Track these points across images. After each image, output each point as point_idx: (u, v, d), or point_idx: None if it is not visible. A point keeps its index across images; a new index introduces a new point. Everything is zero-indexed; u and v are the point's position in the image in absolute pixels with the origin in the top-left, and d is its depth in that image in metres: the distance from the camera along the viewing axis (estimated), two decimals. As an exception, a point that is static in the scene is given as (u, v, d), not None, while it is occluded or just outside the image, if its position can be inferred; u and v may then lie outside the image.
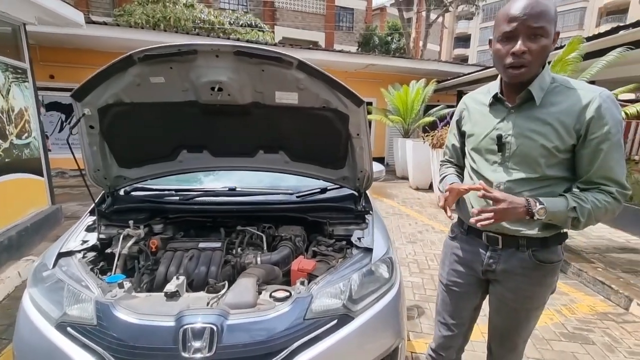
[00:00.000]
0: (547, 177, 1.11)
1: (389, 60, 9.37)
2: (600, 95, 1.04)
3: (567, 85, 1.10)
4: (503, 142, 1.14)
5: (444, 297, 1.45)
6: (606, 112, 1.02)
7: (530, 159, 1.11)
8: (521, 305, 1.25)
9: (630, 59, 3.49)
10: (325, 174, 1.96)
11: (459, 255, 1.36)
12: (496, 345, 1.41)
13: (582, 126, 1.04)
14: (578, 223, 1.07)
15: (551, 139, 1.07)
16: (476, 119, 1.26)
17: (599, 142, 1.03)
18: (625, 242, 4.07)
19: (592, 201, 1.05)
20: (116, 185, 1.91)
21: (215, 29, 12.36)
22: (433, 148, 5.63)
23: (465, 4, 18.20)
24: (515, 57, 1.04)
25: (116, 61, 1.43)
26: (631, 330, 2.53)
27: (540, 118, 1.09)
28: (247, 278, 1.43)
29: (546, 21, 1.01)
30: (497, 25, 1.09)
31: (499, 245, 1.21)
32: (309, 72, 1.51)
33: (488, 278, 1.30)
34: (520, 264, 1.19)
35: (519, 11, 1.02)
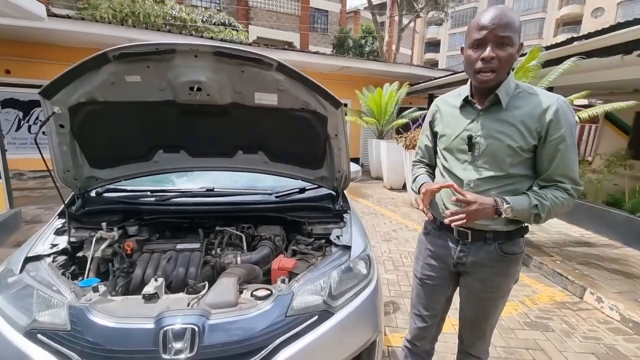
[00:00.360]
0: (512, 175, 1.20)
1: (363, 63, 9.55)
2: (557, 100, 1.15)
3: (529, 91, 1.20)
4: (473, 142, 1.23)
5: (419, 290, 1.53)
6: (563, 116, 1.13)
7: (497, 158, 1.20)
8: (488, 295, 1.35)
9: (583, 68, 3.79)
10: (303, 174, 1.99)
11: (432, 250, 1.44)
12: (467, 334, 1.50)
13: (543, 128, 1.14)
14: (539, 218, 1.17)
15: (516, 140, 1.16)
16: (448, 120, 1.34)
17: (556, 143, 1.14)
18: (580, 237, 4.41)
19: (550, 198, 1.16)
20: (87, 187, 1.84)
21: (188, 26, 12.05)
22: (406, 149, 5.81)
23: (435, 10, 18.87)
24: (484, 62, 1.13)
25: (89, 59, 1.39)
26: (585, 317, 2.76)
27: (506, 120, 1.19)
28: (228, 278, 1.44)
29: (512, 31, 1.11)
30: (469, 33, 1.18)
31: (468, 240, 1.30)
32: (289, 74, 1.53)
33: (459, 270, 1.39)
34: (488, 256, 1.28)
35: (488, 21, 1.11)
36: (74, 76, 1.44)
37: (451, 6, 18.51)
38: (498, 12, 1.12)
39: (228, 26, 13.74)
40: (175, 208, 1.84)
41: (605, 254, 3.82)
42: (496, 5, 1.20)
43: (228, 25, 13.90)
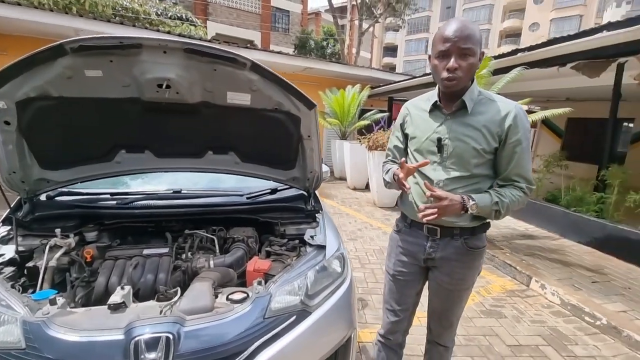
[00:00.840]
0: (476, 175, 1.30)
1: (327, 65, 9.66)
2: (515, 107, 1.27)
3: (490, 98, 1.31)
4: (442, 144, 1.31)
5: (391, 286, 1.59)
6: (520, 122, 1.25)
7: (463, 160, 1.29)
8: (455, 287, 1.44)
9: (526, 77, 4.18)
10: (275, 175, 1.97)
11: (403, 247, 1.51)
12: (435, 325, 1.59)
13: (503, 132, 1.25)
14: (499, 214, 1.28)
15: (480, 142, 1.26)
16: (418, 123, 1.42)
17: (514, 145, 1.25)
18: (525, 230, 4.84)
19: (509, 196, 1.27)
20: (36, 190, 1.67)
21: (141, 18, 11.35)
22: (369, 150, 5.98)
23: (393, 16, 19.61)
24: (449, 72, 1.22)
25: (42, 50, 1.27)
26: (532, 302, 3.04)
27: (471, 124, 1.28)
28: (202, 282, 1.39)
29: (473, 43, 1.20)
30: (434, 45, 1.26)
31: (437, 236, 1.38)
32: (263, 74, 1.52)
33: (428, 265, 1.47)
34: (455, 250, 1.37)
35: (451, 33, 1.20)
36: (22, 68, 1.31)
37: (408, 14, 19.34)
38: (460, 25, 1.21)
39: (185, 21, 13.15)
40: (141, 212, 1.73)
41: (546, 246, 4.24)
42: (458, 17, 1.29)
43: (185, 19, 13.31)
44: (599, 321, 2.65)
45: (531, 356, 2.30)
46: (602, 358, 2.31)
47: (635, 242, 3.69)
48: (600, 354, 2.35)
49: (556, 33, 34.71)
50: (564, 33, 3.85)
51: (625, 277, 3.40)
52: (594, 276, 3.39)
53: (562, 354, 2.34)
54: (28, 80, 1.34)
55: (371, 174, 6.27)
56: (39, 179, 1.64)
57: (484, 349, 2.34)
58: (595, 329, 2.64)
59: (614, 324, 2.57)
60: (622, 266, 3.66)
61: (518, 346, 2.40)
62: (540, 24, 37.07)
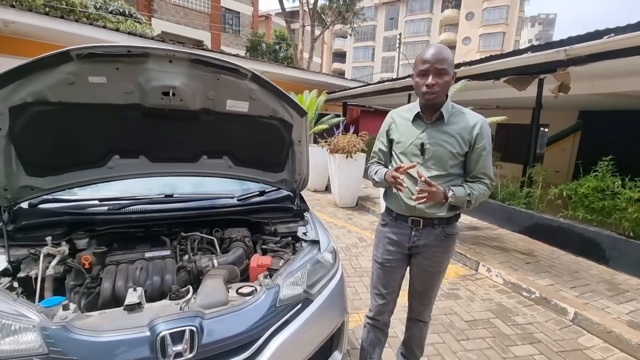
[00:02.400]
0: (451, 174, 1.57)
1: (284, 70, 9.81)
2: (481, 119, 1.57)
3: (461, 111, 1.60)
4: (425, 148, 1.56)
5: (379, 273, 1.79)
6: (485, 131, 1.55)
7: (442, 161, 1.55)
8: (435, 269, 1.69)
9: (468, 87, 4.75)
10: (265, 177, 2.09)
11: (390, 237, 1.71)
12: (416, 303, 1.83)
13: (472, 139, 1.53)
14: (470, 204, 1.56)
15: (455, 147, 1.53)
16: (402, 130, 1.65)
17: (481, 150, 1.55)
18: (470, 223, 5.46)
19: (477, 189, 1.56)
20: (18, 198, 1.59)
21: (77, 11, 10.40)
22: (331, 153, 6.25)
23: (342, 24, 20.39)
24: (428, 87, 1.48)
25: (47, 56, 1.27)
26: (481, 284, 3.51)
27: (447, 132, 1.55)
28: (214, 279, 1.48)
29: (447, 65, 1.47)
30: (416, 65, 1.52)
31: (420, 226, 1.63)
32: (262, 84, 1.66)
33: (412, 253, 1.70)
34: (435, 237, 1.63)
35: (429, 56, 1.46)
36: (22, 74, 1.29)
37: (356, 22, 20.25)
38: (437, 50, 1.47)
39: (129, 17, 12.33)
40: (136, 217, 1.74)
41: (488, 235, 4.85)
42: (435, 44, 1.56)
43: (128, 15, 12.48)
44: (533, 294, 3.18)
45: (484, 328, 2.69)
46: (538, 324, 2.79)
47: (556, 228, 4.42)
48: (536, 321, 2.84)
49: (485, 47, 38.84)
50: (491, 47, 4.53)
51: (550, 258, 4.06)
52: (527, 258, 4.00)
53: (507, 323, 2.77)
54: (26, 85, 1.32)
55: (333, 176, 6.54)
56: (23, 187, 1.57)
57: (446, 326, 2.69)
58: (531, 302, 3.16)
59: (544, 295, 3.09)
60: (547, 249, 4.35)
61: (473, 321, 2.79)
62: (471, 38, 41.13)
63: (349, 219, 5.80)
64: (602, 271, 3.72)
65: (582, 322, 2.77)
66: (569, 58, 3.68)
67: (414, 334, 1.91)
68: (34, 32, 6.14)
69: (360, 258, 4.05)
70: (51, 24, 5.96)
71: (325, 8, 19.36)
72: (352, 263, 3.89)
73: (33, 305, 1.21)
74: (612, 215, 3.92)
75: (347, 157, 6.03)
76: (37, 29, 5.98)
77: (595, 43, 3.33)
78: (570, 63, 3.74)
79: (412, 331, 1.91)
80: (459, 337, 2.56)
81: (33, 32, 6.14)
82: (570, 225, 4.27)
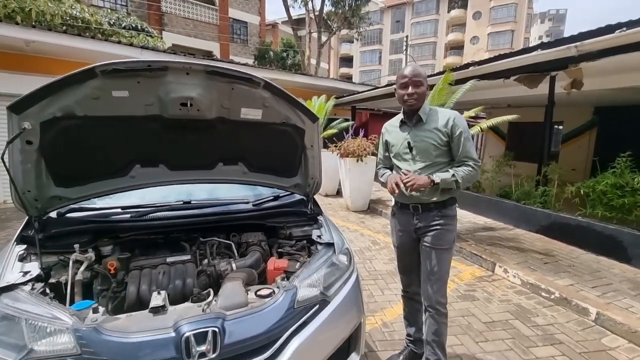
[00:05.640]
0: (437, 162, 1.85)
1: (292, 76, 9.94)
2: (453, 113, 1.87)
3: (437, 111, 1.91)
4: (411, 146, 1.87)
5: (398, 253, 2.11)
6: (458, 121, 1.83)
7: (427, 153, 1.84)
8: (437, 246, 1.86)
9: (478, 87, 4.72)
10: (279, 182, 2.14)
11: (399, 224, 2.01)
12: (426, 285, 1.92)
13: (449, 130, 1.82)
14: (458, 184, 1.79)
15: (435, 140, 1.83)
16: (394, 136, 1.98)
17: (459, 137, 1.81)
18: (484, 224, 5.39)
19: (462, 170, 1.81)
20: (48, 208, 1.68)
21: (92, 28, 10.80)
22: (341, 157, 6.28)
23: (349, 29, 20.51)
24: (409, 96, 1.82)
25: (74, 73, 1.36)
26: (498, 285, 3.46)
27: (427, 129, 1.85)
28: (233, 282, 1.52)
29: (422, 78, 1.83)
30: (398, 80, 1.87)
31: (420, 211, 1.89)
32: (274, 92, 1.71)
33: (418, 236, 1.93)
34: (432, 218, 1.87)
35: (407, 73, 1.83)
36: (52, 90, 1.38)
37: (362, 27, 20.34)
38: (413, 67, 1.85)
39: (141, 31, 12.71)
40: (158, 223, 1.81)
41: (504, 235, 4.78)
42: (411, 63, 1.74)
43: (141, 30, 12.87)
44: (553, 295, 3.12)
45: (503, 329, 2.66)
46: (559, 324, 2.74)
47: (574, 226, 4.32)
48: (557, 322, 2.78)
49: (493, 46, 38.41)
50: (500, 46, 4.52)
51: (569, 257, 3.97)
52: (545, 258, 3.93)
53: (527, 324, 2.73)
54: (56, 101, 1.40)
55: (344, 180, 6.56)
56: (52, 197, 1.66)
57: (464, 327, 2.66)
58: (551, 302, 3.10)
59: (564, 295, 3.03)
60: (565, 248, 4.26)
61: (492, 322, 2.76)
62: (479, 38, 40.77)
63: (361, 222, 5.80)
64: (624, 270, 3.62)
65: (605, 323, 2.70)
66: (580, 54, 3.63)
67: (430, 327, 1.93)
68: (54, 50, 6.41)
69: (374, 261, 4.05)
70: (69, 42, 6.21)
71: (331, 14, 19.52)
72: (366, 266, 3.90)
73: (65, 309, 1.28)
74: (632, 213, 3.82)
75: (357, 160, 6.05)
76: (56, 47, 6.24)
77: (606, 38, 3.29)
78: (582, 59, 3.69)
79: (428, 324, 1.94)
80: (477, 339, 2.53)
81: (53, 50, 6.41)
82: (589, 224, 4.17)
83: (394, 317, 2.80)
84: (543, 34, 66.17)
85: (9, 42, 5.95)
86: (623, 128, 8.43)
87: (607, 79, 5.22)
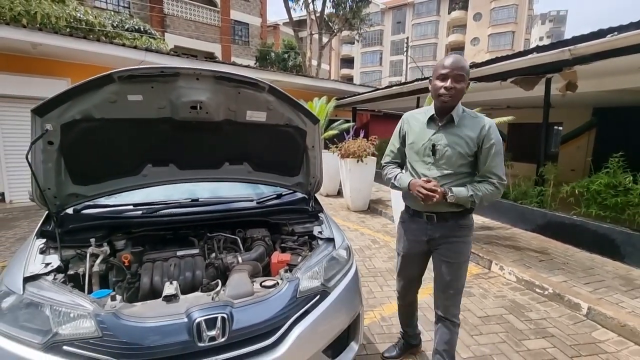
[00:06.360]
0: (460, 172, 1.69)
1: (293, 78, 10.06)
2: (489, 122, 1.69)
3: (471, 115, 1.72)
4: (436, 149, 1.69)
5: (402, 263, 1.99)
6: (492, 132, 1.66)
7: (452, 161, 1.67)
8: (454, 259, 1.77)
9: (476, 89, 4.84)
10: (282, 181, 2.25)
11: (410, 232, 1.88)
12: (441, 297, 1.86)
13: (480, 140, 1.65)
14: (474, 204, 1.67)
15: (464, 148, 1.66)
16: (416, 131, 1.78)
17: (488, 149, 1.64)
18: (482, 223, 5.49)
19: (482, 189, 1.65)
20: (65, 204, 1.79)
21: (96, 30, 10.94)
22: (342, 158, 6.39)
23: (350, 30, 20.65)
24: (446, 90, 1.61)
25: (94, 79, 1.47)
26: (493, 282, 3.56)
27: (457, 134, 1.67)
28: (240, 273, 1.63)
29: (465, 72, 1.62)
30: (436, 69, 1.66)
31: (434, 221, 1.76)
32: (278, 96, 1.82)
33: (430, 247, 1.82)
34: (449, 228, 1.75)
35: (449, 64, 1.61)
36: (73, 95, 1.49)
37: (363, 28, 20.47)
38: (456, 58, 1.63)
39: (144, 33, 12.86)
40: (168, 219, 1.91)
41: (500, 234, 4.88)
42: (455, 54, 1.70)
43: (143, 32, 13.02)
44: (547, 291, 3.21)
45: (497, 323, 2.76)
46: (551, 319, 2.84)
47: (569, 225, 4.42)
48: (549, 316, 2.88)
49: (494, 47, 38.51)
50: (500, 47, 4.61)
51: (563, 255, 4.07)
52: (540, 256, 4.03)
53: (521, 319, 2.83)
54: (77, 104, 1.51)
55: (344, 181, 6.66)
56: (70, 194, 1.77)
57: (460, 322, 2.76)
58: (544, 298, 3.20)
59: (557, 291, 3.13)
60: (560, 247, 4.36)
61: (487, 317, 2.86)
62: (480, 39, 40.87)
63: (361, 222, 5.90)
64: (617, 267, 3.72)
65: (596, 317, 2.80)
66: (574, 57, 3.74)
67: (442, 336, 1.88)
68: (60, 52, 6.54)
69: (373, 259, 4.15)
70: (75, 45, 6.33)
71: (332, 15, 19.66)
72: (366, 264, 4.00)
73: (86, 296, 1.39)
74: (625, 211, 3.91)
75: (358, 161, 6.16)
76: (62, 49, 6.37)
77: (598, 42, 3.39)
78: (576, 62, 3.80)
79: (440, 333, 1.89)
80: (472, 332, 2.63)
81: (58, 52, 6.54)
82: (583, 223, 4.27)
83: (392, 312, 2.89)
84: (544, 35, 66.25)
85: (16, 45, 6.08)
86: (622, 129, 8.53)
87: (602, 81, 5.33)
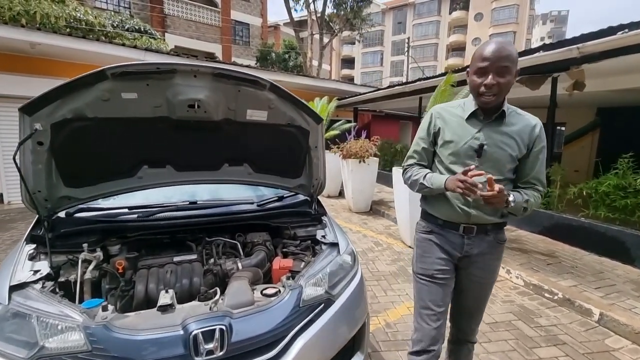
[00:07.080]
0: (507, 178, 1.42)
1: (294, 78, 9.98)
2: (539, 121, 1.44)
3: (517, 112, 1.45)
4: (483, 149, 1.38)
5: (432, 288, 1.52)
6: (542, 133, 1.43)
7: (500, 164, 1.39)
8: (488, 280, 1.55)
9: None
10: (284, 183, 2.16)
11: (439, 246, 1.52)
12: (467, 322, 1.64)
13: (531, 142, 1.40)
14: (525, 211, 1.41)
15: (514, 150, 1.39)
16: (455, 128, 1.45)
17: (538, 153, 1.42)
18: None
19: (532, 196, 1.41)
20: (57, 207, 1.71)
21: (96, 30, 10.88)
22: (343, 158, 6.30)
23: (350, 31, 20.57)
24: (486, 88, 1.31)
25: (85, 76, 1.38)
26: (501, 286, 3.46)
27: (506, 133, 1.39)
28: (240, 280, 1.54)
29: (510, 62, 1.29)
30: (473, 62, 1.36)
31: (473, 234, 1.45)
32: (279, 94, 1.74)
33: (460, 265, 1.52)
34: (488, 245, 1.48)
35: (490, 53, 1.29)
36: (63, 92, 1.40)
37: (364, 28, 20.40)
38: (498, 46, 1.30)
39: (144, 33, 12.80)
40: (165, 223, 1.83)
41: (507, 237, 4.77)
42: (497, 39, 1.37)
43: (144, 32, 12.96)
44: (556, 296, 3.12)
45: (506, 330, 2.67)
46: (562, 325, 2.74)
47: (577, 228, 4.32)
48: (560, 322, 2.79)
49: (495, 47, 38.33)
50: None
51: (572, 258, 3.97)
52: (548, 259, 3.93)
53: (530, 325, 2.73)
54: (67, 103, 1.43)
55: (346, 182, 6.58)
56: (62, 197, 1.69)
57: (468, 329, 2.67)
58: (554, 303, 3.10)
59: (567, 296, 3.04)
60: (568, 249, 4.26)
61: (495, 323, 2.76)
62: (481, 39, 40.73)
63: (364, 223, 5.81)
64: (627, 271, 3.62)
65: (609, 323, 2.70)
66: (582, 55, 3.65)
67: (463, 358, 1.72)
68: (59, 52, 6.47)
69: (376, 262, 4.06)
70: (74, 44, 6.26)
71: (333, 16, 19.60)
72: (369, 267, 3.91)
73: (76, 306, 1.30)
74: (635, 214, 3.82)
75: (359, 162, 6.08)
76: (61, 49, 6.30)
77: (608, 39, 3.30)
78: (584, 60, 3.70)
79: (459, 355, 1.72)
80: (481, 340, 2.53)
81: (58, 52, 6.47)
82: (592, 225, 4.17)
83: (397, 317, 2.81)
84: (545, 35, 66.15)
85: (15, 45, 6.01)
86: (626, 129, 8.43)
87: (609, 80, 5.23)
